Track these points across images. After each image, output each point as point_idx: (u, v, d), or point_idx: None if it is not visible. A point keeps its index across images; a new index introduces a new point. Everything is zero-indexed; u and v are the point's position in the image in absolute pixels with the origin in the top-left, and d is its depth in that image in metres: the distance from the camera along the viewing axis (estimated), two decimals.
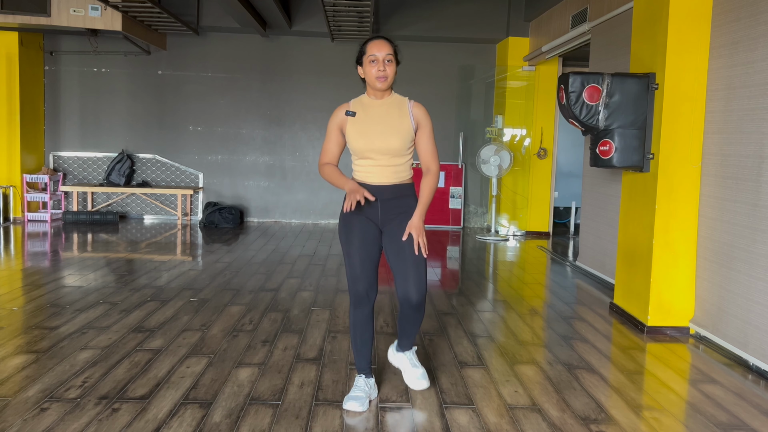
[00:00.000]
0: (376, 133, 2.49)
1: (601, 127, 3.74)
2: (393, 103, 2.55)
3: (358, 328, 2.55)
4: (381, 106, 2.54)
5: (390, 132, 2.49)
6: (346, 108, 2.57)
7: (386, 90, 2.53)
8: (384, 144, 2.48)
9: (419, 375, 2.71)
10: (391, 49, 2.48)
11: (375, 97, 2.55)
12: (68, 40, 7.82)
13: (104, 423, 2.31)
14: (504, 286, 4.85)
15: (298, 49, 8.05)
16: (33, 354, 3.00)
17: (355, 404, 2.50)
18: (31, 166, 7.73)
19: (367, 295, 2.50)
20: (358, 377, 2.62)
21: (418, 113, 2.53)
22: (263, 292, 4.37)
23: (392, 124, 2.50)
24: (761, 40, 3.13)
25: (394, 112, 2.52)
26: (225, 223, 7.64)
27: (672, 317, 3.70)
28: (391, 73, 2.47)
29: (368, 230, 2.52)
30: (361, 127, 2.51)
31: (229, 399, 2.56)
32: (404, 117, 2.52)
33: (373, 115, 2.52)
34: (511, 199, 7.80)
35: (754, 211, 3.16)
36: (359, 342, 2.57)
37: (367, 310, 2.53)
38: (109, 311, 3.78)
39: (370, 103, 2.56)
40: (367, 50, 2.48)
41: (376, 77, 2.46)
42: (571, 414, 2.52)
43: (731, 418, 2.54)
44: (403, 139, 2.49)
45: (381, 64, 2.45)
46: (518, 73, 7.64)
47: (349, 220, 2.53)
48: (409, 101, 2.56)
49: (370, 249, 2.50)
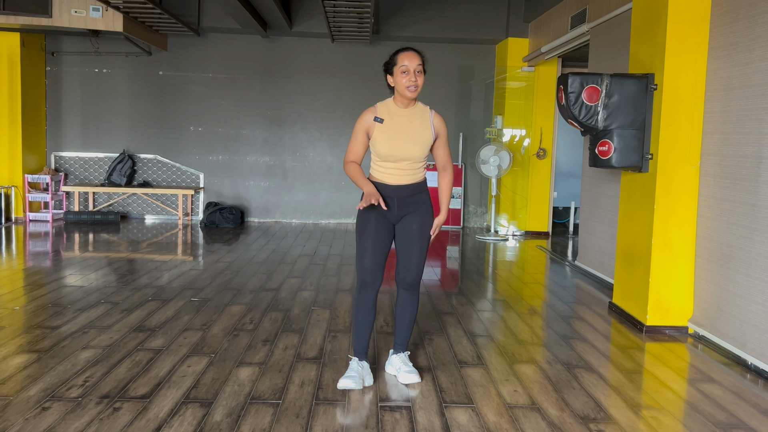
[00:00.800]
0: (400, 141, 2.68)
1: (600, 128, 3.75)
2: (417, 113, 2.74)
3: (360, 310, 2.76)
4: (406, 115, 2.72)
5: (413, 141, 2.69)
6: (374, 113, 2.73)
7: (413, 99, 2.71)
8: (407, 152, 2.68)
9: (408, 370, 2.83)
10: (421, 60, 2.66)
11: (401, 105, 2.73)
12: (70, 40, 7.84)
13: (105, 422, 2.32)
14: (503, 286, 4.87)
15: (299, 49, 8.07)
16: (34, 353, 3.02)
17: (350, 382, 2.68)
18: (33, 166, 7.75)
19: (373, 281, 2.73)
20: (353, 360, 2.80)
21: (438, 123, 2.76)
22: (264, 292, 4.39)
23: (416, 133, 2.70)
24: (760, 41, 3.14)
25: (417, 122, 2.72)
26: (226, 223, 7.66)
27: (671, 317, 3.71)
28: (420, 83, 2.65)
29: (383, 224, 2.74)
30: (388, 133, 2.68)
31: (229, 398, 2.57)
32: (426, 127, 2.72)
33: (399, 123, 2.70)
34: (510, 199, 7.82)
35: (753, 211, 3.17)
36: (360, 324, 2.77)
37: (372, 295, 2.75)
38: (111, 311, 3.80)
39: (396, 111, 2.73)
40: (398, 60, 2.65)
41: (406, 87, 2.63)
42: (570, 413, 2.53)
43: (730, 417, 2.55)
44: (424, 147, 2.72)
45: (412, 75, 2.62)
46: (518, 73, 7.66)
47: (367, 213, 2.75)
48: (431, 111, 2.78)
49: (382, 241, 2.73)
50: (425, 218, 2.77)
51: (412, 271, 2.76)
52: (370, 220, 2.72)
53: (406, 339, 2.89)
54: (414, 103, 2.74)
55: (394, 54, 2.68)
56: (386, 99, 2.78)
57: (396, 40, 7.96)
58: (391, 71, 2.68)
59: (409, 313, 2.85)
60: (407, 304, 2.84)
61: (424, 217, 2.77)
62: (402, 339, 2.89)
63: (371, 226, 2.71)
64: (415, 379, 2.79)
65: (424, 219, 2.76)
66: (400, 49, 2.69)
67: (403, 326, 2.87)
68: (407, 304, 2.84)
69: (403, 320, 2.86)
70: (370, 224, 2.71)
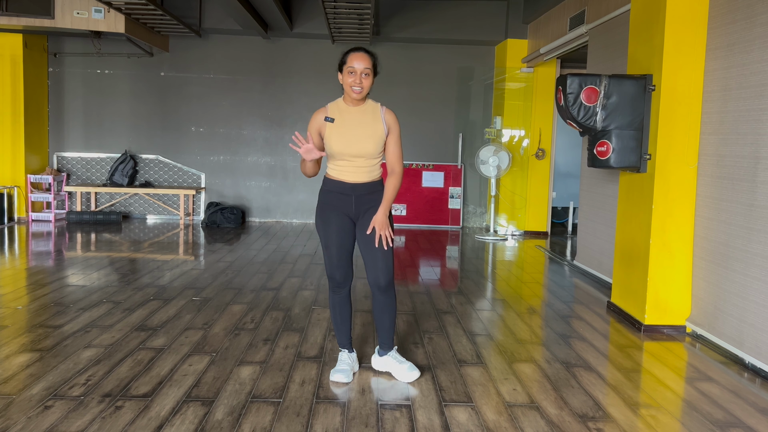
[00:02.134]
0: (352, 138, 2.69)
1: (599, 128, 3.76)
2: (367, 110, 2.74)
3: (337, 308, 2.86)
4: (357, 112, 2.73)
5: (365, 137, 2.69)
6: (324, 113, 2.74)
7: (361, 99, 2.71)
8: (360, 148, 2.69)
9: (407, 368, 2.83)
10: (369, 63, 2.65)
11: (351, 104, 2.73)
12: (72, 42, 7.87)
13: (107, 420, 2.33)
14: (503, 286, 4.88)
15: (299, 50, 8.09)
16: (37, 352, 3.03)
17: (341, 376, 2.78)
18: (35, 166, 7.78)
19: (344, 280, 2.81)
20: (342, 352, 2.90)
21: (389, 119, 2.74)
22: (265, 291, 4.41)
23: (367, 129, 2.70)
24: (757, 42, 3.15)
25: (368, 119, 2.72)
26: (227, 223, 7.69)
27: (669, 316, 3.72)
28: (366, 85, 2.66)
29: (344, 223, 2.76)
30: (339, 132, 2.69)
31: (230, 397, 2.58)
32: (377, 122, 2.72)
33: (350, 120, 2.71)
34: (509, 199, 7.83)
35: (750, 211, 3.18)
36: (339, 320, 2.87)
37: (345, 292, 2.85)
38: (113, 310, 3.81)
39: (346, 109, 2.74)
40: (347, 60, 2.66)
41: (351, 87, 2.64)
42: (569, 412, 2.54)
43: (727, 415, 2.57)
44: (376, 143, 2.71)
45: (358, 77, 2.63)
46: (517, 74, 7.67)
47: (326, 214, 2.77)
48: (382, 107, 2.76)
49: (345, 240, 2.76)
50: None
51: (382, 272, 2.72)
52: (331, 220, 2.74)
53: (390, 338, 2.88)
54: (364, 101, 2.73)
55: (345, 53, 2.69)
56: (337, 99, 2.80)
57: (396, 42, 7.99)
58: (342, 69, 2.68)
59: (388, 315, 2.83)
60: (384, 306, 2.81)
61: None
62: (386, 339, 2.87)
63: (333, 228, 2.73)
64: (416, 375, 2.81)
65: None
66: (351, 49, 2.69)
67: (384, 328, 2.85)
68: (384, 306, 2.81)
69: (383, 323, 2.84)
70: (331, 225, 2.74)
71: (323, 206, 2.79)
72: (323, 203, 2.79)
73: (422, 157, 8.13)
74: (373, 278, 2.75)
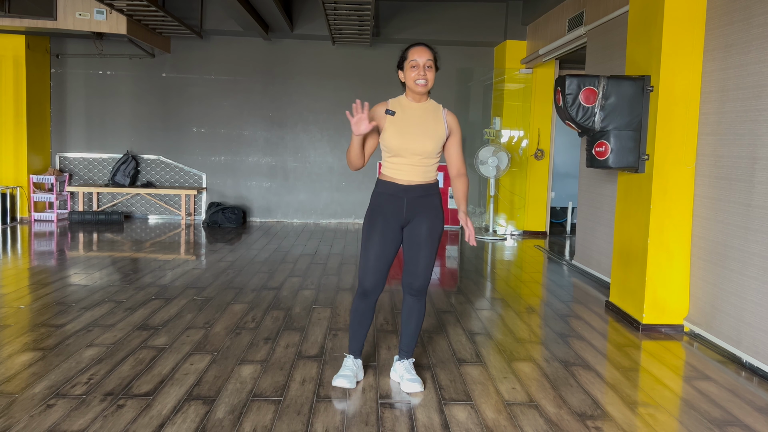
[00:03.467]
0: (412, 135, 2.59)
1: (597, 129, 3.78)
2: (429, 108, 2.66)
3: (358, 315, 2.73)
4: (418, 109, 2.65)
5: (426, 135, 2.60)
6: (385, 106, 2.64)
7: (425, 94, 2.64)
8: (419, 145, 2.59)
9: (411, 378, 2.75)
10: (431, 55, 2.60)
11: (413, 100, 2.65)
12: (74, 43, 7.90)
13: (109, 419, 2.33)
14: (502, 285, 4.90)
15: (300, 52, 8.12)
16: (39, 351, 3.04)
17: (344, 381, 2.70)
18: (38, 166, 7.81)
19: (374, 289, 2.66)
20: (347, 358, 2.81)
21: (451, 121, 2.68)
22: (265, 291, 4.42)
23: (428, 127, 2.62)
24: (754, 44, 3.17)
25: (430, 117, 2.64)
26: (228, 223, 7.71)
27: (667, 315, 3.74)
28: (430, 77, 2.59)
29: (390, 229, 2.64)
30: (400, 126, 2.60)
31: (231, 395, 2.59)
32: (439, 122, 2.64)
33: (411, 116, 2.62)
34: (508, 199, 7.85)
35: (747, 211, 3.20)
36: (357, 326, 2.75)
37: (371, 302, 2.71)
38: (114, 309, 3.83)
39: (408, 105, 2.65)
40: (408, 55, 2.61)
41: (415, 80, 2.57)
42: (568, 410, 2.55)
43: (725, 414, 2.58)
44: (436, 142, 2.61)
45: (421, 69, 2.57)
46: (516, 75, 7.70)
47: (374, 217, 2.66)
48: (444, 109, 2.70)
49: (387, 247, 2.64)
50: (435, 222, 2.66)
51: (419, 277, 2.67)
52: (377, 225, 2.63)
53: (411, 346, 2.81)
54: (426, 98, 2.67)
55: (405, 49, 2.64)
56: (398, 96, 2.72)
57: (396, 43, 8.00)
58: (402, 66, 2.63)
59: (414, 319, 2.77)
60: (413, 311, 2.76)
61: (433, 221, 2.66)
62: (407, 346, 2.81)
63: (377, 233, 2.62)
64: (417, 388, 2.72)
65: (433, 223, 2.66)
66: (411, 45, 2.65)
67: (409, 333, 2.79)
68: (413, 311, 2.76)
69: (409, 327, 2.78)
70: (376, 230, 2.62)
71: (373, 209, 2.66)
72: (374, 206, 2.67)
73: None
74: (409, 280, 2.69)
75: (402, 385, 2.75)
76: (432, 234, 2.66)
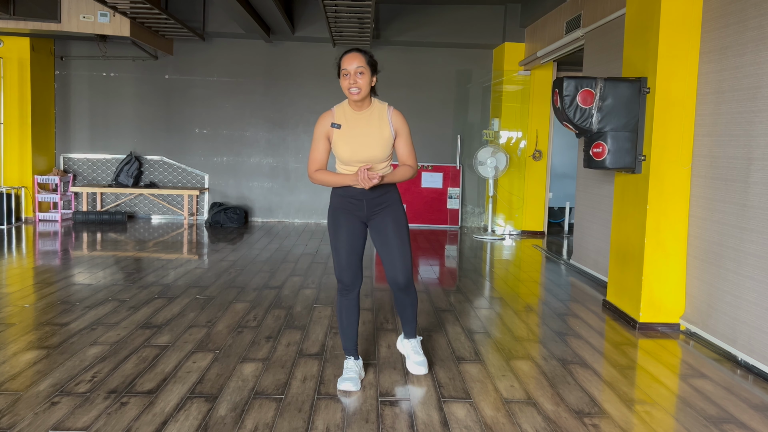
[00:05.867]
0: (359, 145, 2.62)
1: (595, 130, 3.81)
2: (373, 114, 2.65)
3: (344, 312, 2.77)
4: (363, 117, 2.64)
5: (372, 143, 2.62)
6: (331, 118, 2.67)
7: (363, 100, 2.61)
8: (367, 155, 2.62)
9: (419, 361, 2.88)
10: (362, 61, 2.55)
11: (356, 108, 2.64)
12: (78, 45, 7.95)
13: (113, 416, 2.35)
14: (500, 284, 4.92)
15: (301, 54, 8.16)
16: (44, 349, 3.07)
17: (350, 384, 2.70)
18: (42, 167, 7.86)
19: (353, 284, 2.72)
20: (347, 360, 2.82)
21: (396, 121, 2.66)
22: (267, 290, 4.45)
23: (374, 135, 2.62)
24: (749, 46, 3.19)
25: (374, 123, 2.64)
26: (230, 223, 7.75)
27: (663, 314, 3.76)
28: (363, 84, 2.55)
29: (354, 225, 2.71)
30: (346, 138, 2.63)
31: (234, 393, 2.61)
32: (384, 127, 2.64)
33: (356, 126, 2.63)
34: (507, 199, 7.88)
35: (743, 211, 3.22)
36: (345, 324, 2.79)
37: (353, 296, 2.76)
38: (118, 308, 3.86)
39: (352, 114, 2.65)
40: (340, 64, 2.59)
41: (348, 89, 2.56)
42: (566, 408, 2.56)
43: (720, 411, 2.59)
44: (384, 148, 2.64)
45: (352, 77, 2.54)
46: (514, 77, 7.73)
47: (336, 217, 2.72)
48: (389, 108, 2.68)
49: (355, 243, 2.70)
50: (397, 214, 2.71)
51: (399, 270, 2.70)
52: (341, 222, 2.69)
53: (413, 327, 2.93)
54: (369, 102, 2.64)
55: (338, 58, 2.61)
56: (342, 101, 2.72)
57: (396, 45, 8.05)
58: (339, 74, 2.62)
59: (409, 309, 2.87)
60: (405, 303, 2.85)
61: (395, 213, 2.70)
62: (409, 328, 2.93)
63: (343, 230, 2.68)
64: (422, 370, 2.83)
65: (396, 215, 2.70)
66: (343, 53, 2.60)
67: (407, 320, 2.91)
68: (405, 303, 2.85)
69: (406, 316, 2.90)
70: (341, 227, 2.69)
71: (334, 209, 2.73)
72: (334, 206, 2.73)
73: (421, 158, 8.18)
74: (392, 277, 2.72)
75: (407, 364, 2.88)
76: (398, 225, 2.70)
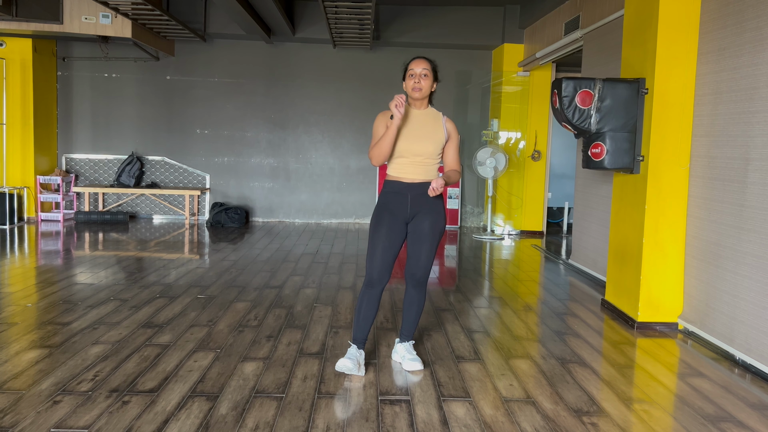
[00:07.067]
0: (415, 137, 2.84)
1: (593, 131, 3.82)
2: (430, 114, 2.93)
3: (364, 304, 2.88)
4: (420, 115, 2.91)
5: (427, 138, 2.86)
6: (389, 114, 2.88)
7: (423, 100, 2.89)
8: (421, 147, 2.84)
9: (413, 358, 2.97)
10: (427, 65, 2.85)
11: (415, 107, 2.92)
12: (80, 46, 7.98)
13: (115, 415, 2.36)
14: (499, 284, 4.94)
15: (301, 55, 8.19)
16: (46, 349, 3.08)
17: (348, 362, 2.82)
18: (45, 167, 7.89)
19: (379, 280, 2.85)
20: (352, 346, 2.92)
21: (450, 127, 2.94)
22: (268, 289, 4.47)
23: (429, 131, 2.87)
24: (747, 47, 3.21)
25: (430, 122, 2.90)
26: (231, 223, 7.78)
27: (661, 313, 3.78)
28: (425, 85, 2.84)
29: (395, 225, 2.87)
30: (404, 130, 2.86)
31: (234, 392, 2.62)
32: (439, 128, 2.90)
33: (414, 121, 2.88)
34: (506, 199, 7.90)
35: (741, 211, 3.24)
36: (362, 317, 2.89)
37: (377, 291, 2.87)
38: (120, 307, 3.87)
39: (411, 111, 2.91)
40: (408, 66, 2.88)
41: (411, 88, 2.84)
42: (564, 406, 2.58)
43: (718, 410, 2.60)
44: (436, 145, 2.87)
45: (417, 77, 2.83)
46: (513, 78, 7.75)
47: (381, 213, 2.89)
48: (443, 116, 2.95)
49: (394, 240, 2.85)
50: (437, 219, 2.88)
51: (421, 268, 2.90)
52: (384, 219, 2.85)
53: (411, 330, 3.06)
54: (427, 105, 2.93)
55: (407, 63, 2.90)
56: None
57: (396, 46, 8.07)
58: (404, 77, 2.89)
59: (415, 307, 3.01)
60: (414, 300, 2.99)
61: (435, 217, 2.88)
62: (408, 330, 3.05)
63: (384, 226, 2.84)
64: (418, 366, 2.93)
65: (435, 219, 2.88)
66: (413, 57, 2.91)
67: (410, 319, 3.03)
68: (414, 300, 2.99)
69: (410, 314, 3.02)
70: (383, 224, 2.84)
71: (380, 207, 2.90)
72: (380, 204, 2.91)
73: None
74: (412, 271, 2.92)
75: (403, 364, 2.96)
76: (433, 230, 2.88)
